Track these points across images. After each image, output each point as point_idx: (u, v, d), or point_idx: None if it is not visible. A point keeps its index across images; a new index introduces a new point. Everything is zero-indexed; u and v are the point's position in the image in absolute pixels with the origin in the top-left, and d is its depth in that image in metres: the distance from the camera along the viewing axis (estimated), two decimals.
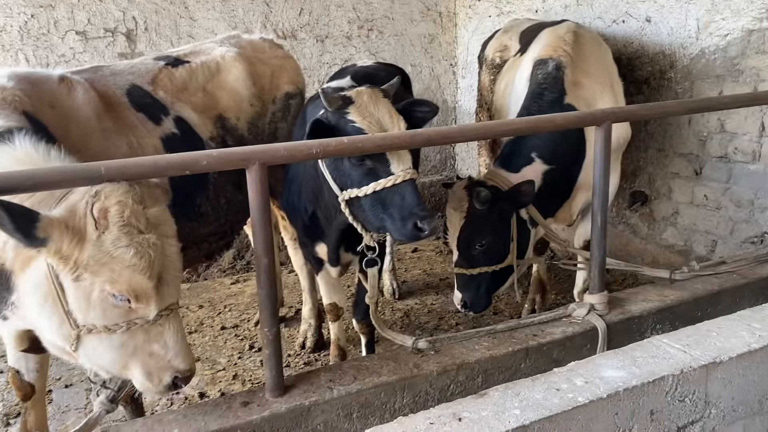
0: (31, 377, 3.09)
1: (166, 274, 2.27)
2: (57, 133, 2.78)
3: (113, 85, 3.19)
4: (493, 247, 3.38)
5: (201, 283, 5.83)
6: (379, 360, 3.01)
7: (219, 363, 4.37)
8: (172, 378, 2.32)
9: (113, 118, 3.07)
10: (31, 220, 2.08)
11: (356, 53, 6.56)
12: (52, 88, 2.93)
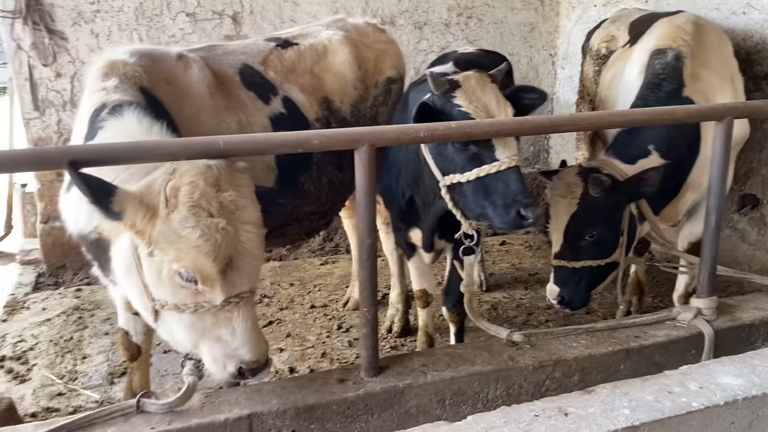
0: (138, 339, 3.26)
1: (239, 260, 2.23)
2: (171, 108, 2.90)
3: (226, 64, 3.29)
4: (603, 239, 3.25)
5: (291, 262, 5.96)
6: (473, 349, 2.99)
7: (308, 340, 4.46)
8: (237, 367, 2.28)
9: (225, 95, 3.17)
10: (108, 194, 2.14)
11: (454, 41, 6.49)
12: (170, 65, 3.05)
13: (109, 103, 2.63)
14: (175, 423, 2.45)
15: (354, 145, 2.48)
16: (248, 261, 2.26)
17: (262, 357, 2.31)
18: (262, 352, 2.31)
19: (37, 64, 5.39)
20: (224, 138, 2.31)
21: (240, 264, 2.23)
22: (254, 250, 2.28)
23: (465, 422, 1.96)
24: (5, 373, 4.07)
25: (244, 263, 2.24)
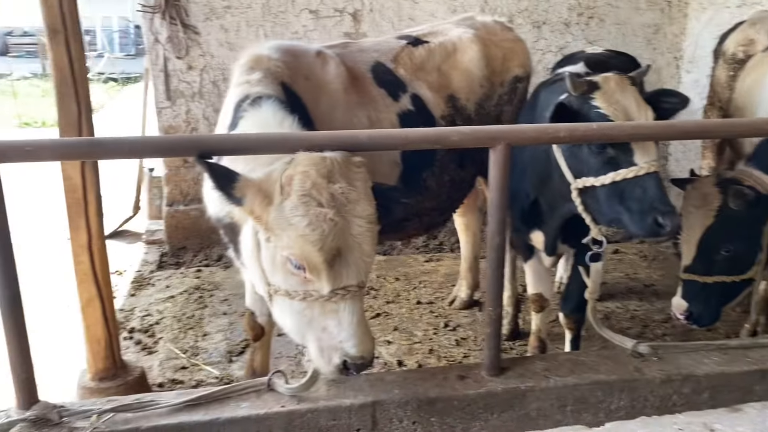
0: (263, 320, 3.41)
1: (349, 253, 2.24)
2: (308, 102, 3.00)
3: (360, 61, 3.37)
4: (740, 254, 3.09)
5: (396, 257, 6.03)
6: (597, 357, 2.91)
7: (415, 335, 4.50)
8: (341, 360, 2.27)
9: (357, 92, 3.25)
10: (230, 180, 2.26)
11: (573, 41, 6.34)
12: (309, 61, 3.16)
13: (251, 95, 2.76)
14: (304, 404, 2.54)
15: (491, 143, 2.48)
16: (358, 255, 2.27)
17: (368, 354, 2.29)
18: (368, 348, 2.29)
19: (171, 56, 5.73)
20: (367, 132, 2.38)
21: (349, 257, 2.25)
22: (365, 246, 2.28)
23: (604, 428, 1.92)
24: (134, 344, 4.37)
25: (353, 257, 2.26)
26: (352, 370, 2.28)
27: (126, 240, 6.43)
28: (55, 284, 5.20)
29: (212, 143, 2.45)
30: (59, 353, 4.21)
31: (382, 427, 2.61)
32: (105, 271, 3.36)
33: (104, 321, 3.40)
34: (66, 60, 3.07)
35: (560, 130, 2.51)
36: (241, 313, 4.77)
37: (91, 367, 3.52)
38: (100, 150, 2.27)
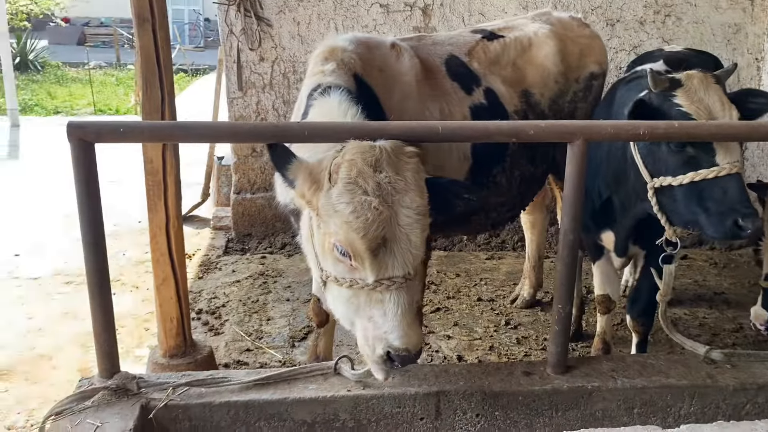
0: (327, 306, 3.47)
1: (395, 244, 2.22)
2: (381, 94, 3.04)
3: (434, 54, 3.38)
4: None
5: (457, 253, 6.02)
6: (666, 361, 2.85)
7: (476, 332, 4.49)
8: (385, 351, 2.25)
9: (430, 84, 3.26)
10: (286, 162, 2.32)
11: (647, 39, 6.17)
12: (384, 53, 3.19)
13: (323, 85, 2.81)
14: (369, 389, 2.58)
15: (569, 138, 2.46)
16: (405, 247, 2.24)
17: (413, 347, 2.25)
18: (413, 342, 2.25)
19: (244, 47, 5.87)
20: (443, 123, 2.40)
21: (395, 248, 2.23)
22: (412, 237, 2.25)
23: (679, 430, 1.88)
24: (202, 324, 4.52)
25: (399, 248, 2.23)
26: (397, 362, 2.26)
27: (194, 225, 6.63)
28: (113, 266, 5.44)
29: (289, 130, 2.51)
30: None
31: (445, 417, 2.63)
32: (180, 252, 3.49)
33: (177, 300, 3.54)
34: (152, 47, 3.20)
35: (640, 127, 2.47)
36: (303, 300, 4.87)
37: (163, 345, 3.66)
38: (186, 133, 2.36)
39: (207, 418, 2.50)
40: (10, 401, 3.76)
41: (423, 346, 2.34)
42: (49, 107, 13.73)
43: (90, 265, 2.40)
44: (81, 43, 23.80)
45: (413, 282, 2.30)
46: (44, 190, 7.82)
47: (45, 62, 18.60)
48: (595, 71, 3.88)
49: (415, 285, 2.33)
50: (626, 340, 4.18)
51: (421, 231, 2.26)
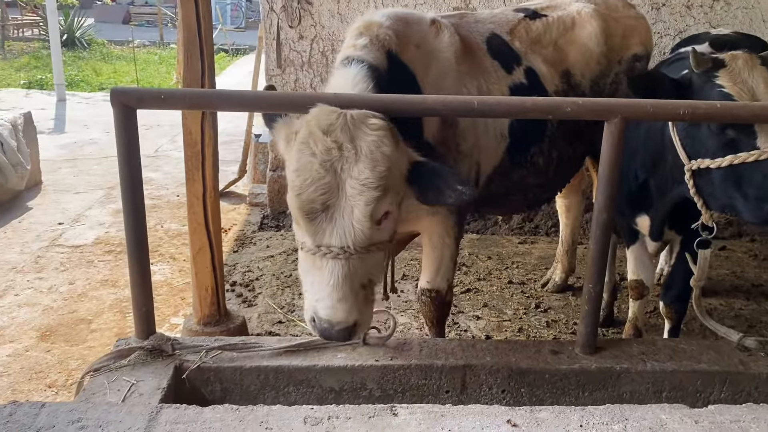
0: None
1: (337, 213, 2.17)
2: (417, 70, 3.03)
3: (475, 32, 3.35)
4: None
5: (489, 236, 6.00)
6: (698, 346, 2.82)
7: (505, 313, 4.49)
8: (311, 319, 2.29)
9: (470, 62, 3.24)
10: (272, 120, 2.45)
11: (693, 24, 6.00)
12: (423, 30, 3.17)
13: (350, 57, 2.79)
14: (397, 360, 2.62)
15: (606, 116, 2.43)
16: (347, 218, 2.18)
17: (335, 321, 2.22)
18: (336, 317, 2.21)
19: (284, 25, 5.91)
20: (479, 98, 2.39)
21: (337, 216, 2.18)
22: (356, 210, 2.17)
23: (707, 410, 1.87)
24: (236, 296, 4.61)
25: (341, 218, 2.18)
26: (316, 332, 2.27)
27: (231, 201, 6.75)
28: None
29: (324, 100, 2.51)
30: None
31: (470, 391, 2.65)
32: (216, 223, 3.57)
33: (212, 269, 3.62)
34: (194, 19, 3.25)
35: (680, 106, 2.42)
36: None
37: (198, 312, 3.76)
38: (225, 101, 2.41)
39: (237, 382, 2.57)
40: (52, 361, 3.91)
41: (354, 327, 2.28)
42: (94, 83, 14.05)
43: (130, 226, 2.47)
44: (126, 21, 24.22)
45: (358, 258, 2.23)
46: (87, 162, 8.04)
47: (91, 40, 19.00)
48: (638, 53, 3.80)
49: (363, 262, 2.26)
50: (658, 328, 4.13)
51: (365, 205, 2.18)
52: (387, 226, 2.33)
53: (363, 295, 2.32)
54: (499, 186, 3.36)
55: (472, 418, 1.90)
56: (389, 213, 2.29)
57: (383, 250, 2.37)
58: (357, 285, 2.27)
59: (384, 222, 2.29)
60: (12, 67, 15.16)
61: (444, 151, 3.01)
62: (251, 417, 1.90)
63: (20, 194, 6.66)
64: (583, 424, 1.90)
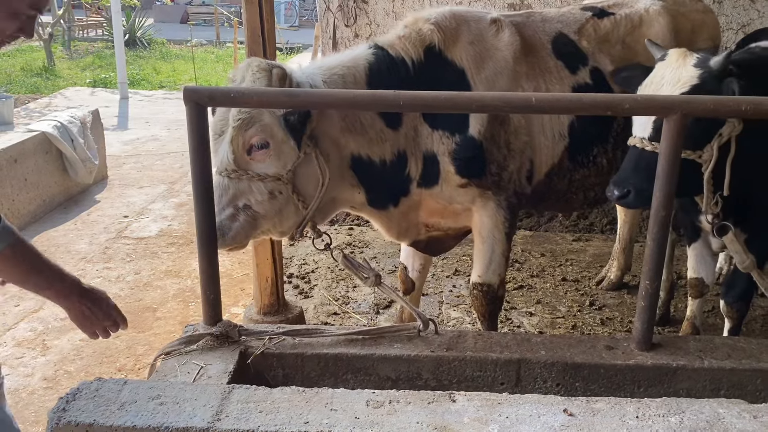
0: (414, 275, 3.60)
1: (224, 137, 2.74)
2: (469, 67, 3.09)
3: (541, 31, 3.36)
4: None
5: (542, 233, 5.99)
6: (759, 345, 2.77)
7: (559, 310, 4.49)
8: None
9: (530, 63, 3.24)
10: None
11: (757, 18, 5.83)
12: (481, 27, 3.20)
13: (375, 42, 3.07)
14: (452, 351, 2.67)
15: (665, 112, 2.43)
16: (224, 142, 2.67)
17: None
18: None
19: (340, 24, 6.03)
20: (537, 95, 2.44)
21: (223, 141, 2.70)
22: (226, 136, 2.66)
23: (766, 405, 1.87)
24: (293, 287, 4.76)
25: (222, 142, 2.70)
26: None
27: None
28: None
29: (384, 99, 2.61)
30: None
31: (525, 384, 2.69)
32: None
33: (273, 261, 3.76)
34: (258, 20, 3.39)
35: (742, 103, 2.40)
36: (389, 271, 5.03)
37: (258, 302, 3.91)
38: (293, 100, 2.52)
39: (299, 368, 2.67)
40: (121, 346, 4.13)
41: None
42: (155, 82, 14.54)
43: (199, 218, 2.60)
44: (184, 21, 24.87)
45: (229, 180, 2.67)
46: (149, 158, 8.36)
47: (151, 39, 19.62)
48: (706, 48, 3.75)
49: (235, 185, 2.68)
50: (717, 328, 4.07)
51: (229, 132, 2.61)
52: (263, 160, 2.66)
53: (235, 216, 2.71)
54: (559, 184, 3.39)
55: (528, 406, 1.95)
56: (265, 149, 2.64)
57: (264, 182, 2.68)
58: (227, 202, 2.68)
59: (257, 154, 2.65)
60: (78, 67, 15.82)
61: (490, 147, 3.06)
62: (316, 399, 1.99)
63: (88, 188, 7.00)
64: (639, 415, 1.93)
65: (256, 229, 2.78)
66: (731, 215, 3.21)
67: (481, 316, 3.41)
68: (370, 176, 2.99)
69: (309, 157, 2.73)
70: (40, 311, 4.46)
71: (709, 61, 2.69)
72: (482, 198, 3.14)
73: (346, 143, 2.90)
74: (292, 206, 2.76)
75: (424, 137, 3.04)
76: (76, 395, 2.01)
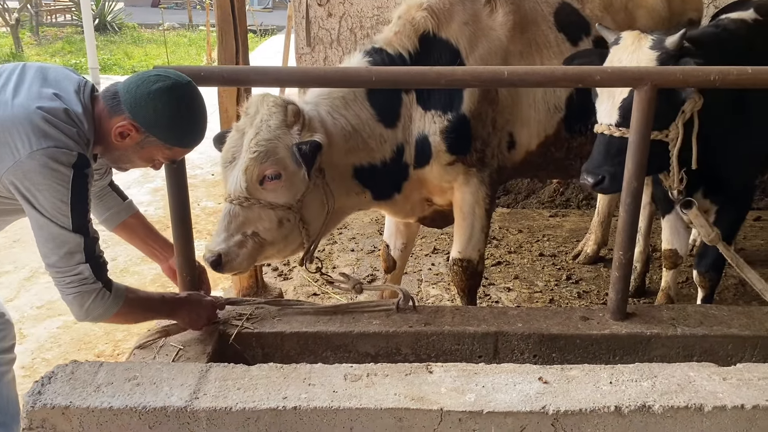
0: (395, 254, 3.61)
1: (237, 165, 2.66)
2: (462, 45, 3.09)
3: (543, 2, 3.34)
4: None
5: (520, 210, 6.03)
6: (729, 312, 2.84)
7: (536, 285, 4.54)
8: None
9: (526, 40, 3.22)
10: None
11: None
12: (475, 8, 3.18)
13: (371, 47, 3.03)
14: (430, 326, 2.69)
15: (635, 84, 2.45)
16: (237, 170, 2.64)
17: (208, 249, 2.69)
18: (209, 245, 2.70)
19: (313, 3, 5.95)
20: (509, 68, 2.43)
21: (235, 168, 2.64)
22: (239, 165, 2.63)
23: (735, 368, 1.92)
24: (272, 270, 4.74)
25: (235, 170, 2.65)
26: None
27: None
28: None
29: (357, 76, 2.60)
30: None
31: (503, 356, 2.72)
32: None
33: None
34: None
35: (711, 72, 2.43)
36: (367, 251, 5.04)
37: (237, 285, 3.90)
38: (261, 77, 2.50)
39: (278, 347, 2.68)
40: (99, 332, 4.09)
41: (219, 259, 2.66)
42: (127, 66, 14.31)
43: (173, 199, 2.59)
44: (155, 5, 24.50)
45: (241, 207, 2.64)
46: None
47: (122, 24, 19.30)
48: (693, 17, 3.79)
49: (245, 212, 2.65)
50: (691, 298, 4.14)
51: (243, 162, 2.61)
52: (275, 190, 2.66)
53: (243, 243, 2.68)
54: (557, 153, 3.42)
55: (504, 375, 1.98)
56: (277, 180, 2.63)
57: (275, 210, 2.68)
58: (236, 229, 2.66)
59: (269, 184, 2.64)
60: (47, 53, 15.51)
61: (476, 124, 3.07)
62: (294, 374, 2.00)
63: None
64: (613, 381, 1.96)
65: (261, 254, 2.77)
66: (700, 187, 3.27)
67: (461, 291, 3.44)
68: (374, 179, 3.03)
69: (317, 186, 2.75)
70: (14, 300, 4.40)
71: (664, 41, 2.70)
72: (466, 175, 3.17)
73: (349, 161, 2.94)
74: (297, 232, 2.78)
75: (416, 121, 3.06)
76: (51, 378, 2.00)
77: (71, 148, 2.07)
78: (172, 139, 2.26)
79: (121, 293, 2.27)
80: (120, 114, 2.18)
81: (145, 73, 2.26)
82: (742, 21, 3.16)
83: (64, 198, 2.07)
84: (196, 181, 6.81)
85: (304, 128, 2.69)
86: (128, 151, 2.28)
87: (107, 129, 2.21)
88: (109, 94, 2.22)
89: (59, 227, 2.09)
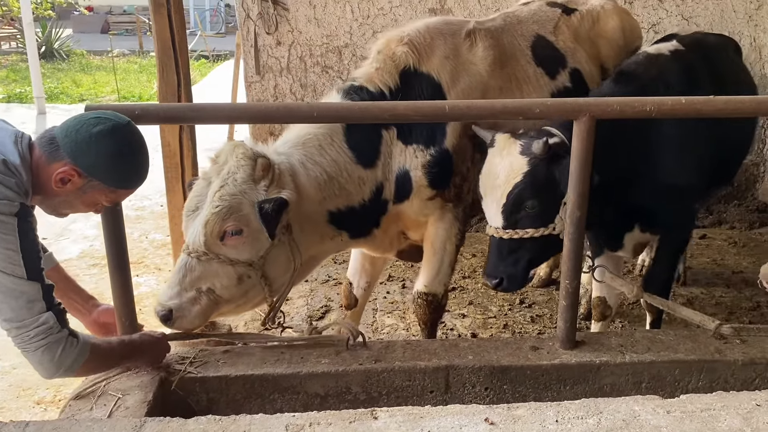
0: (358, 292, 3.56)
1: (199, 215, 2.59)
2: (444, 79, 3.05)
3: (520, 36, 3.35)
4: None
5: (473, 234, 6.03)
6: (675, 337, 2.88)
7: (490, 310, 4.54)
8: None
9: (505, 75, 3.22)
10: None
11: (666, 17, 6.08)
12: (456, 42, 3.15)
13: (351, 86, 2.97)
14: (381, 363, 2.65)
15: (574, 115, 2.48)
16: (198, 221, 2.55)
17: (158, 302, 2.62)
18: (160, 297, 2.63)
19: (261, 32, 5.92)
20: (450, 103, 2.44)
21: (197, 219, 2.57)
22: (200, 217, 2.56)
23: (679, 400, 1.92)
24: None
25: (195, 221, 2.57)
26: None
27: None
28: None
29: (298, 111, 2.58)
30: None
31: (454, 390, 2.69)
32: None
33: None
34: (168, 32, 3.28)
35: (647, 103, 2.48)
36: (322, 281, 4.97)
37: None
38: (201, 114, 2.45)
39: (223, 391, 2.59)
40: (38, 379, 3.90)
41: (170, 314, 2.59)
42: (74, 95, 13.98)
43: (110, 242, 2.50)
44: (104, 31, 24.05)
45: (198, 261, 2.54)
46: None
47: (70, 51, 18.89)
48: (639, 45, 3.92)
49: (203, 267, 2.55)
50: (642, 318, 4.19)
51: (204, 215, 2.52)
52: (236, 246, 2.55)
53: (197, 300, 2.58)
54: None
55: (450, 418, 1.94)
56: (238, 236, 2.53)
57: (234, 267, 2.56)
58: (191, 284, 2.55)
59: (230, 240, 2.53)
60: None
61: (457, 159, 3.07)
62: (233, 427, 1.92)
63: None
64: (559, 419, 1.95)
65: (216, 311, 2.68)
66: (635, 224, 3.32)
67: (423, 324, 3.39)
68: (350, 221, 2.95)
69: (282, 242, 2.65)
70: None
71: (531, 146, 2.69)
72: (442, 210, 3.14)
73: (323, 208, 2.84)
74: (259, 289, 2.68)
75: (396, 156, 3.00)
76: None
77: (12, 199, 2.01)
78: (116, 182, 2.22)
79: (86, 338, 2.20)
80: (59, 159, 2.13)
81: (82, 116, 2.20)
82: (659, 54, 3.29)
83: (13, 246, 1.99)
84: (145, 213, 6.65)
85: (272, 183, 2.59)
86: (70, 196, 2.23)
87: (47, 176, 2.15)
88: (46, 140, 2.16)
89: (13, 277, 2.00)
